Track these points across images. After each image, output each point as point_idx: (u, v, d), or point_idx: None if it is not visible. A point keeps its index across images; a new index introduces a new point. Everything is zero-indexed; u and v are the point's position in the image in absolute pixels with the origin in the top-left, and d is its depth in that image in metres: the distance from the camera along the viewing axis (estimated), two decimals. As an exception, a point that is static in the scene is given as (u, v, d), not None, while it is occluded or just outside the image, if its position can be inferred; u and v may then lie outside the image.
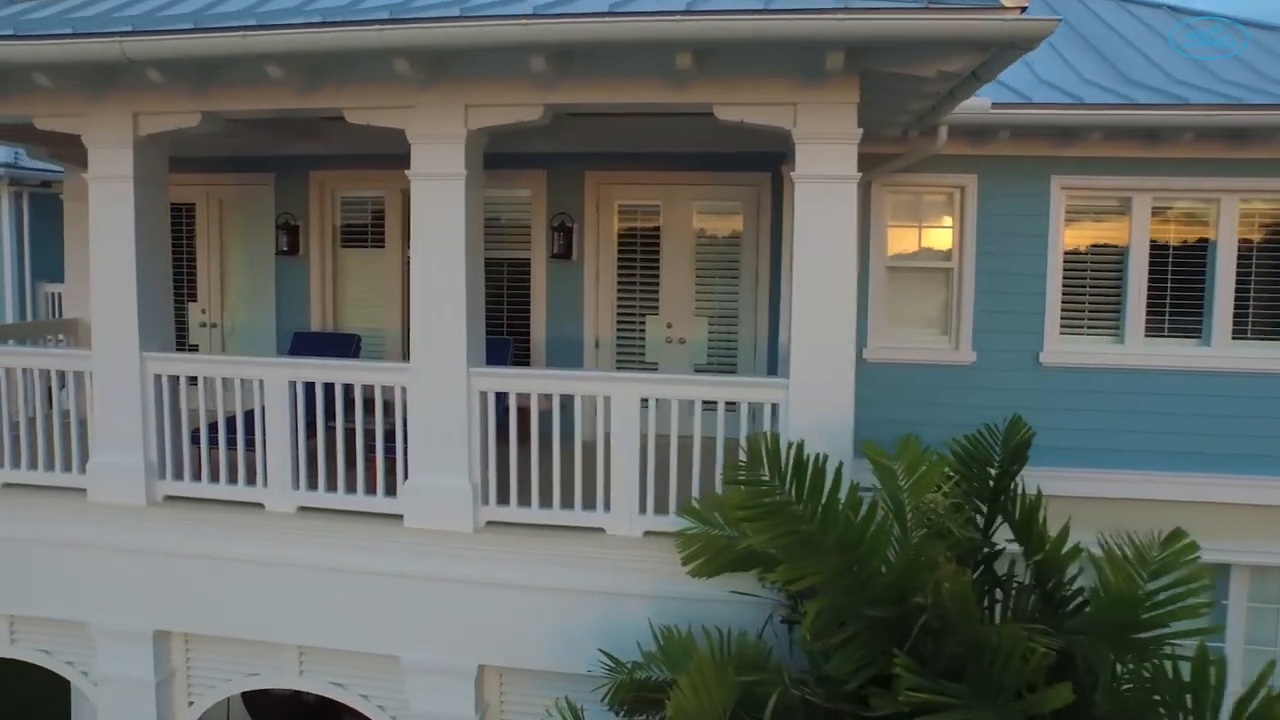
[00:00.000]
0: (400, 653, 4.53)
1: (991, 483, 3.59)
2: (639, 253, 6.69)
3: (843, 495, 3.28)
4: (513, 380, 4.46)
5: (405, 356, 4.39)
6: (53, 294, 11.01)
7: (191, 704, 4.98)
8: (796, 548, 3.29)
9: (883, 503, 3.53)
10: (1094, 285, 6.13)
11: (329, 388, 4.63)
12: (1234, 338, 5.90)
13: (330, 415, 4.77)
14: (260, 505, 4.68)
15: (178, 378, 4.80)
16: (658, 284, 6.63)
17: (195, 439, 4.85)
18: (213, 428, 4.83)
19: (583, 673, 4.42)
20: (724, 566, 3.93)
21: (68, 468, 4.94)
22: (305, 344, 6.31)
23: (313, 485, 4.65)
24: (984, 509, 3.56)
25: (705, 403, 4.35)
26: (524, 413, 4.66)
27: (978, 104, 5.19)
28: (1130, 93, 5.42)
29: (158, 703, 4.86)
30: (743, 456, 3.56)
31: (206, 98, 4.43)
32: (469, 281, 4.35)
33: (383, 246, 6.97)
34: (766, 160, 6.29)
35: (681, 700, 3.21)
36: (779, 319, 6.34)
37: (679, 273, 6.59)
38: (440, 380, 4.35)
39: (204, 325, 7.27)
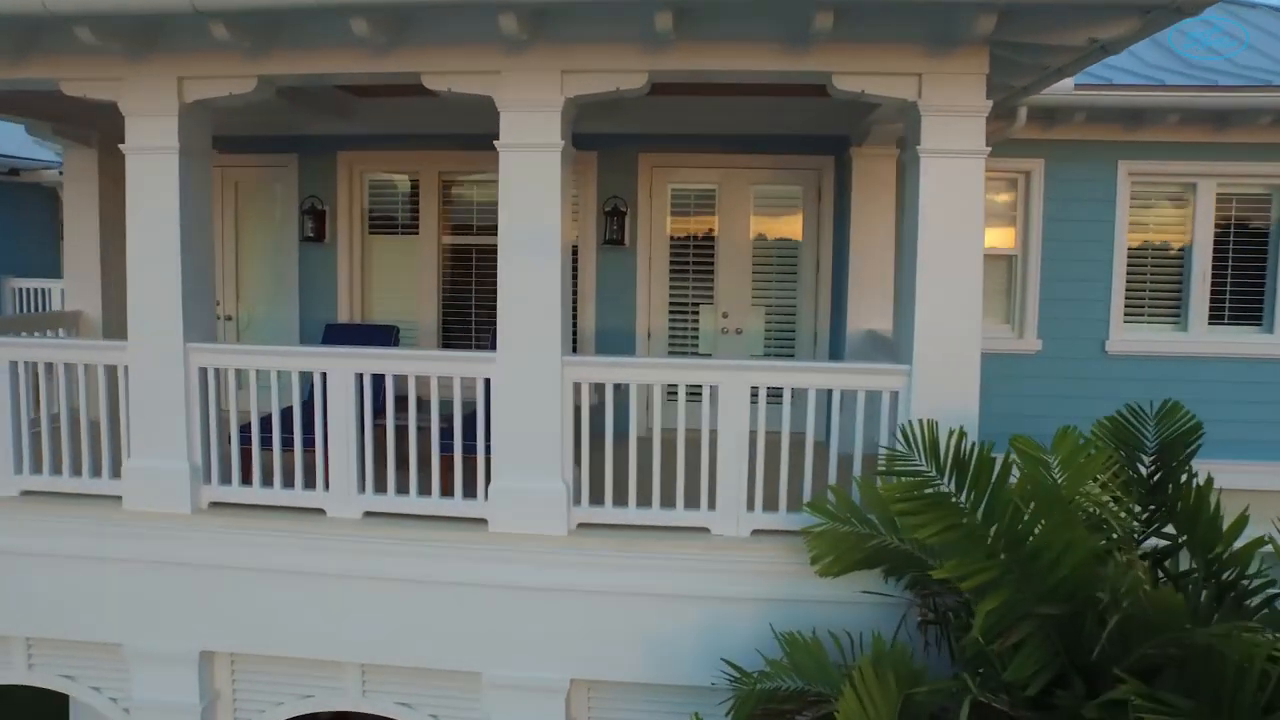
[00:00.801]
0: (482, 669, 4.16)
1: (1146, 471, 3.42)
2: (693, 239, 6.41)
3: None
4: (610, 370, 4.13)
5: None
6: (22, 289, 10.23)
7: (237, 730, 4.53)
8: (962, 542, 3.06)
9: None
10: (1155, 272, 6.07)
11: (378, 380, 4.20)
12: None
13: (380, 411, 4.37)
14: (321, 511, 4.27)
15: (219, 372, 4.35)
16: (713, 272, 6.36)
17: (239, 439, 4.41)
18: (258, 425, 4.39)
19: (682, 684, 4.14)
20: (853, 565, 3.68)
21: (96, 473, 4.44)
22: (339, 337, 5.85)
23: (380, 488, 4.25)
24: (1142, 500, 3.38)
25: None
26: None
27: (1062, 84, 5.04)
28: (1209, 77, 5.35)
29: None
30: (898, 446, 3.32)
31: (266, 60, 4.00)
32: (563, 262, 4.01)
33: (416, 232, 6.54)
34: (828, 143, 6.08)
35: (849, 712, 2.95)
36: (842, 307, 6.13)
37: (735, 260, 6.33)
38: (531, 371, 4.00)
39: (217, 318, 6.71)
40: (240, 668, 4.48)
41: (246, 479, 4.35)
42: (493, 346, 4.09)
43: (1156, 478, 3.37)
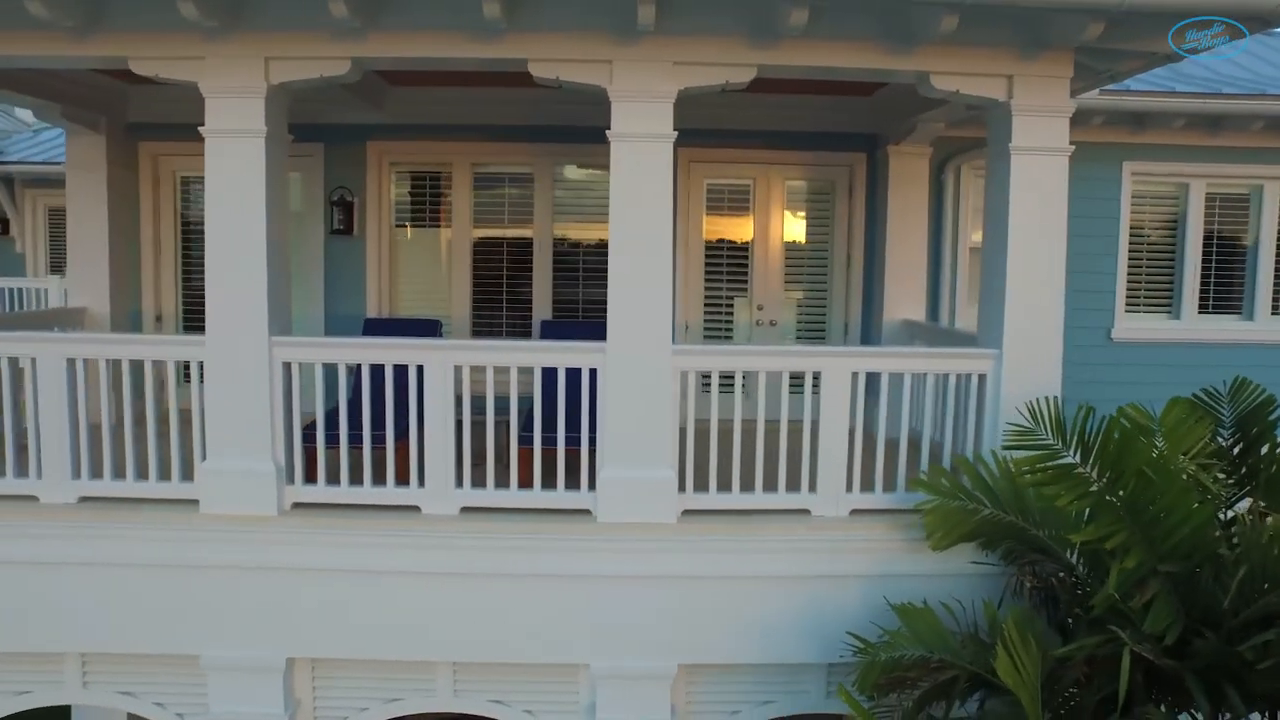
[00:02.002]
0: (589, 660, 4.17)
1: (1227, 443, 3.76)
2: (725, 232, 6.54)
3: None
4: (713, 358, 4.21)
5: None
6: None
7: (314, 738, 4.36)
8: (1094, 508, 3.30)
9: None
10: (1150, 265, 6.61)
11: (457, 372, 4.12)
12: (1273, 313, 6.53)
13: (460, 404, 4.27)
14: (414, 508, 4.16)
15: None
16: (748, 265, 6.51)
17: (307, 437, 4.25)
18: (334, 422, 4.25)
19: (783, 663, 4.27)
20: (960, 538, 3.89)
21: (165, 476, 4.18)
22: (381, 332, 5.68)
23: (478, 483, 4.18)
24: (1225, 469, 3.71)
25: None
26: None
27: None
28: (1213, 84, 5.87)
29: (278, 741, 4.21)
30: (1022, 421, 3.54)
31: (364, 41, 3.87)
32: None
33: (447, 224, 6.40)
34: (859, 140, 6.32)
35: (1006, 670, 3.14)
36: (871, 298, 6.39)
37: (770, 253, 6.49)
38: (642, 360, 4.03)
39: (230, 315, 6.39)
40: (322, 673, 4.32)
41: (312, 477, 4.18)
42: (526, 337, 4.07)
43: (1238, 449, 3.72)
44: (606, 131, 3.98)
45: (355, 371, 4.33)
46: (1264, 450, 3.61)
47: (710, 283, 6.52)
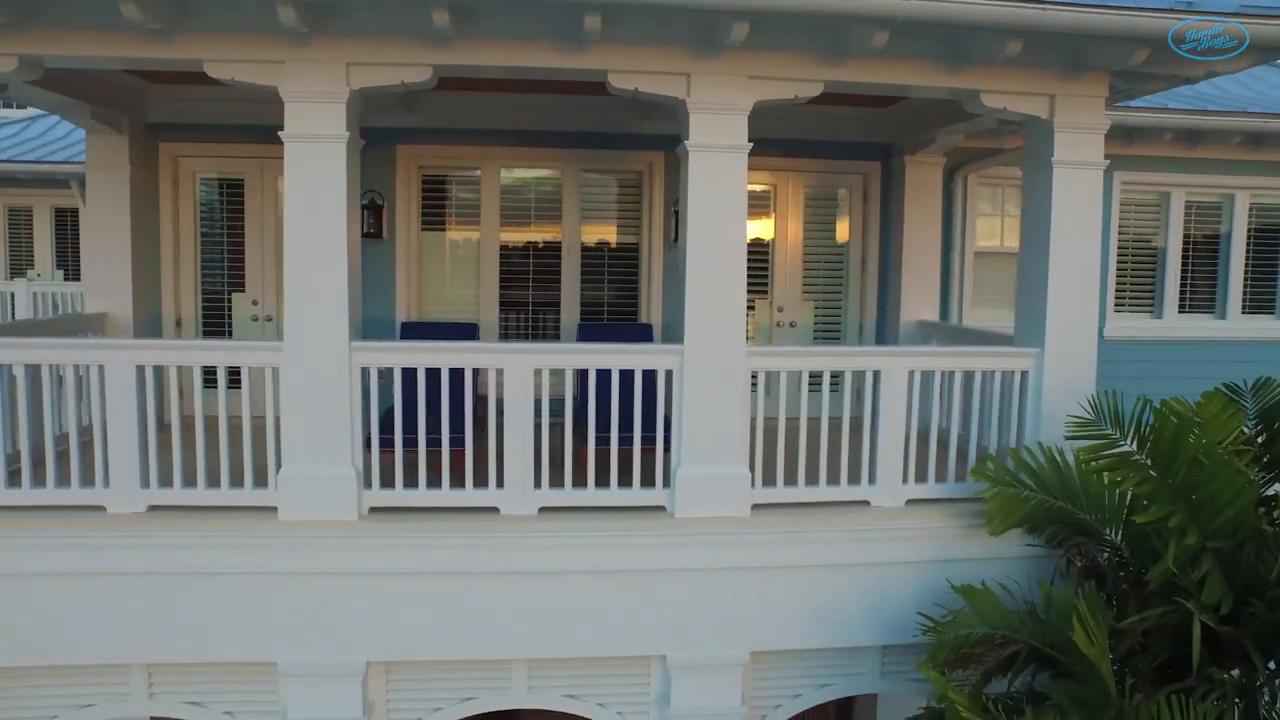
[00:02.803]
0: (666, 651, 4.32)
1: (1251, 432, 4.15)
2: (750, 238, 6.75)
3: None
4: (784, 359, 4.41)
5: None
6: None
7: (389, 741, 4.39)
8: (1152, 491, 3.63)
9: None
10: (1135, 268, 7.12)
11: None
12: (1243, 312, 7.12)
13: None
14: (493, 509, 4.23)
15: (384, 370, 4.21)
16: (768, 268, 6.74)
17: (385, 441, 4.27)
18: (389, 425, 4.27)
19: (845, 646, 4.51)
20: (1015, 523, 4.19)
21: (237, 483, 4.15)
22: (419, 335, 5.70)
23: (556, 483, 4.28)
24: (1253, 458, 4.09)
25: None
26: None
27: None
28: (1198, 102, 6.38)
29: (357, 746, 4.23)
30: (1082, 413, 3.86)
31: (448, 49, 3.94)
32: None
33: (476, 228, 6.44)
34: (874, 150, 6.62)
35: (1082, 642, 3.44)
36: (886, 300, 6.71)
37: (789, 257, 6.74)
38: (717, 361, 4.20)
39: (255, 319, 6.30)
40: (396, 675, 4.35)
41: (389, 481, 4.21)
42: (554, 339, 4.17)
43: (1262, 438, 4.12)
44: (685, 142, 4.13)
45: (408, 376, 4.33)
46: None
47: (733, 285, 6.73)
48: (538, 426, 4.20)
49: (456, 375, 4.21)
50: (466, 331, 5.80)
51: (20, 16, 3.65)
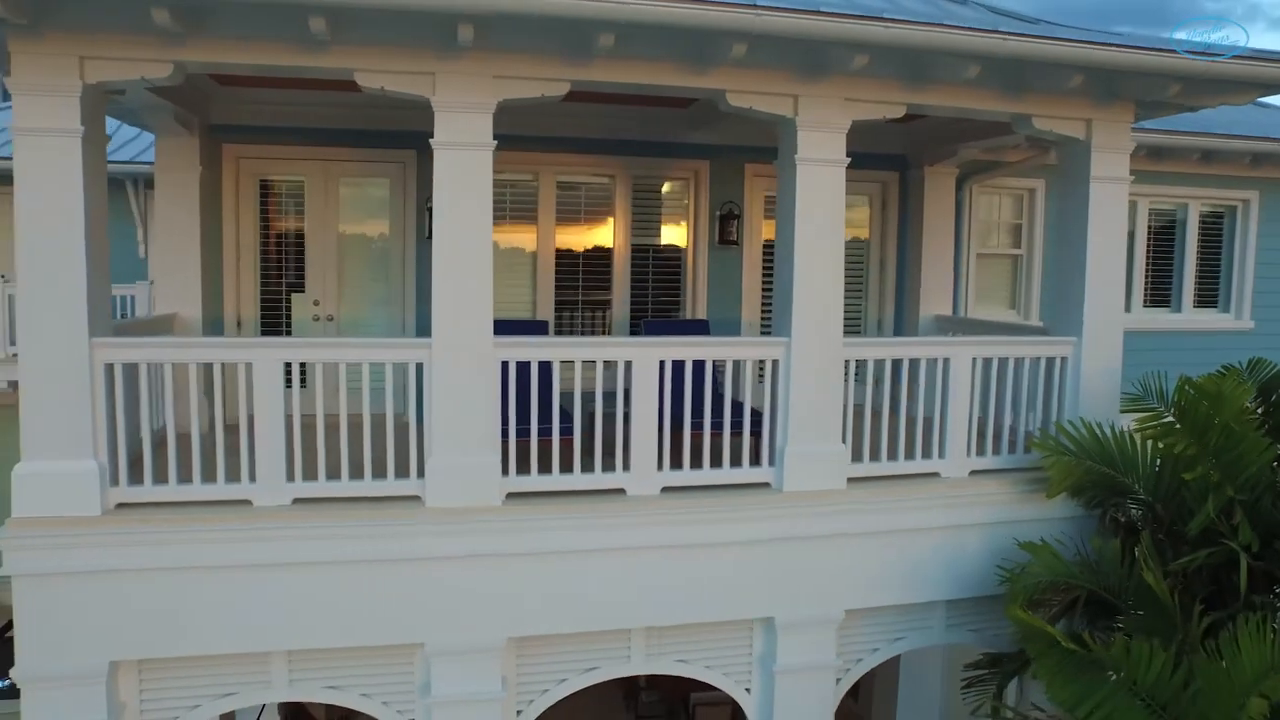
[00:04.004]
0: (774, 613, 4.79)
1: (1251, 404, 4.97)
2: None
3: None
4: (873, 349, 4.97)
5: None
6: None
7: (520, 713, 4.68)
8: (1197, 455, 4.37)
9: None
10: (1106, 268, 8.08)
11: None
12: (1195, 306, 8.20)
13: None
14: (620, 490, 4.59)
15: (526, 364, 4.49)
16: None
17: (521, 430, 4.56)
18: (524, 416, 4.58)
19: (922, 601, 5.10)
20: (1068, 487, 4.88)
21: (381, 474, 4.35)
22: (501, 332, 5.92)
23: (675, 464, 4.68)
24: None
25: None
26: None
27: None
28: (1160, 124, 7.32)
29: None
30: (1132, 390, 4.57)
31: (585, 66, 4.27)
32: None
33: (533, 231, 6.71)
34: (891, 160, 7.28)
35: (1153, 581, 4.12)
36: (905, 297, 7.39)
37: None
38: (819, 351, 4.70)
39: (316, 319, 6.37)
40: (527, 649, 4.63)
41: (548, 468, 4.51)
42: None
43: (1261, 409, 4.95)
44: (795, 156, 4.60)
45: (545, 369, 4.66)
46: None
47: (767, 284, 7.26)
48: (663, 415, 4.58)
49: (647, 364, 4.52)
50: (539, 328, 6.09)
51: (188, 27, 3.76)
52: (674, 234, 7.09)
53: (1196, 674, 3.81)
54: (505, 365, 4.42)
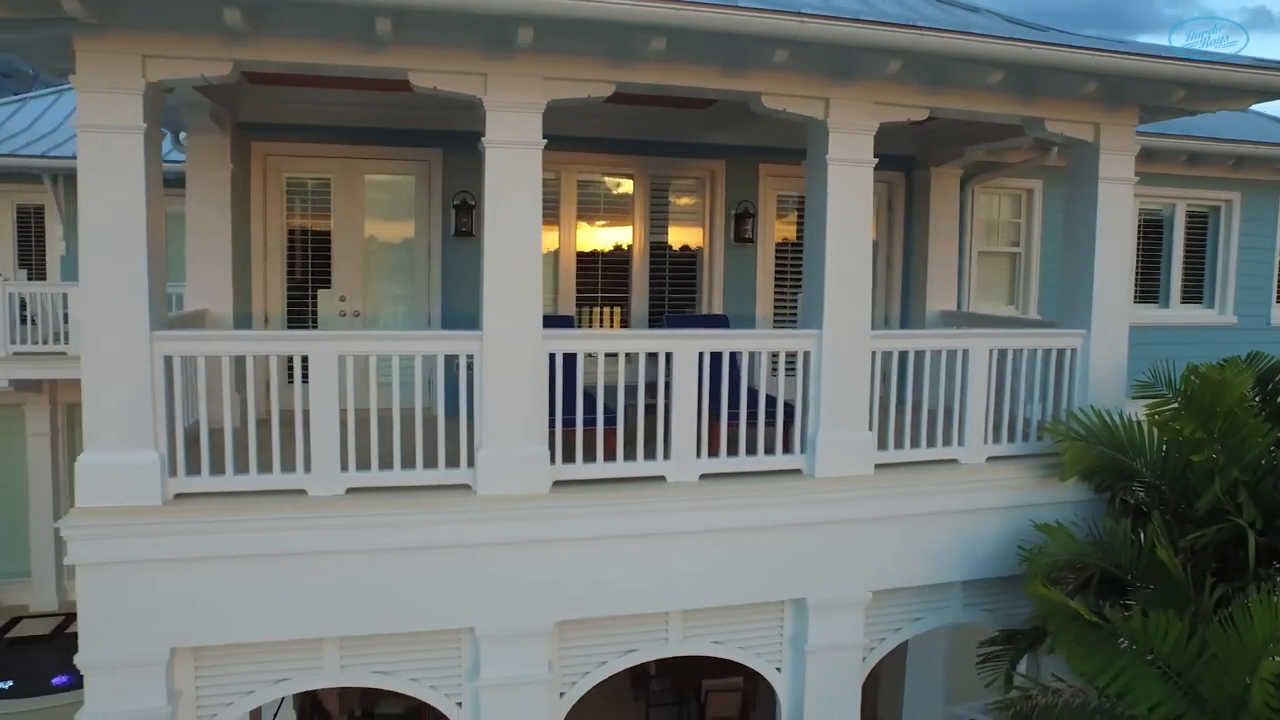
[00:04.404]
0: (807, 594, 4.99)
1: (1250, 392, 5.28)
2: (791, 236, 7.52)
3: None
4: (902, 341, 5.22)
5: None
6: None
7: (562, 695, 4.83)
8: (1203, 439, 4.65)
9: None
10: (1098, 265, 8.43)
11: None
12: (1181, 302, 8.59)
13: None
14: (660, 478, 4.76)
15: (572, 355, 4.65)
16: (809, 265, 7.53)
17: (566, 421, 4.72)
18: (570, 407, 4.74)
19: (941, 582, 5.34)
20: (1080, 470, 5.15)
21: (432, 464, 4.48)
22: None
23: (711, 452, 4.86)
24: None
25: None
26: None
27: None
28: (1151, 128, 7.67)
29: (539, 702, 4.64)
30: (1143, 379, 4.85)
31: (631, 69, 4.43)
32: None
33: (555, 229, 6.85)
34: (896, 161, 7.53)
35: (1164, 557, 4.40)
36: (911, 292, 7.65)
37: (827, 256, 7.55)
38: (850, 344, 4.92)
39: (343, 314, 6.45)
40: (569, 634, 4.78)
41: (592, 456, 4.67)
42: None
43: (1258, 398, 5.26)
44: (826, 156, 4.80)
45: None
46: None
47: (779, 280, 7.48)
48: (702, 404, 4.76)
49: (687, 356, 4.71)
50: (566, 322, 6.24)
51: (255, 27, 3.86)
52: (690, 232, 7.28)
53: (1210, 642, 4.08)
54: (552, 357, 4.57)
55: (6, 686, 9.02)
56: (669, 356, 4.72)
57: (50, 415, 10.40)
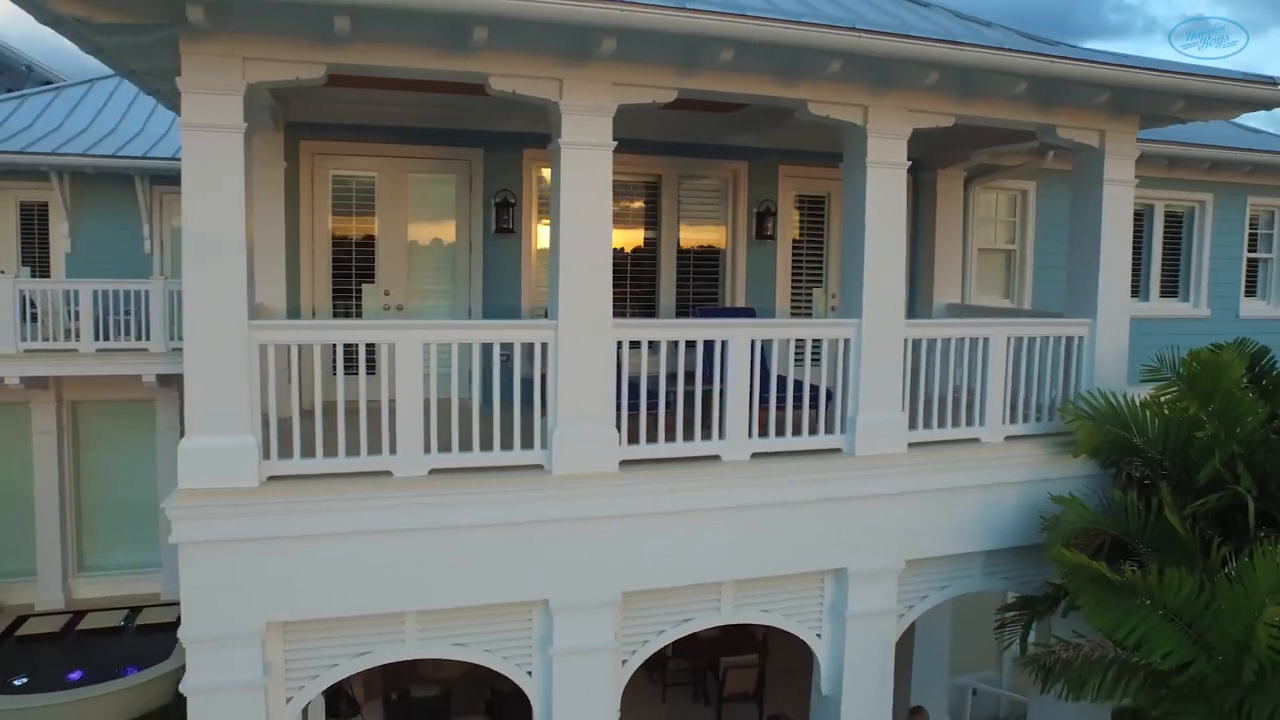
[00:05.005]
0: (847, 564, 5.38)
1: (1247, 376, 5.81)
2: (806, 234, 7.94)
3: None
4: (932, 329, 5.62)
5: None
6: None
7: (624, 662, 5.14)
8: (1205, 418, 5.16)
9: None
10: (1085, 261, 9.01)
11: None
12: (1160, 296, 9.22)
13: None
14: (715, 457, 5.11)
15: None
16: (822, 260, 7.95)
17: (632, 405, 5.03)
18: (634, 392, 5.07)
19: (965, 551, 5.79)
20: (1090, 447, 5.64)
21: (508, 445, 4.75)
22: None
23: (764, 433, 5.22)
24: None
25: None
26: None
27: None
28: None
29: (606, 670, 4.94)
30: (1151, 363, 5.35)
31: (693, 76, 4.76)
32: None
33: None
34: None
35: (1172, 521, 4.89)
36: (917, 286, 8.11)
37: (838, 253, 7.97)
38: (885, 332, 5.32)
39: (386, 308, 6.67)
40: (631, 605, 5.08)
41: (654, 438, 4.98)
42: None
43: (1247, 380, 5.80)
44: (865, 160, 5.20)
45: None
46: (1273, 374, 5.74)
47: (795, 276, 7.89)
48: (753, 391, 5.12)
49: (741, 345, 5.07)
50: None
51: (355, 33, 4.09)
52: (713, 230, 7.64)
53: (1217, 595, 4.57)
54: (620, 345, 4.88)
55: (21, 683, 8.99)
56: (724, 345, 5.07)
57: (56, 413, 10.33)
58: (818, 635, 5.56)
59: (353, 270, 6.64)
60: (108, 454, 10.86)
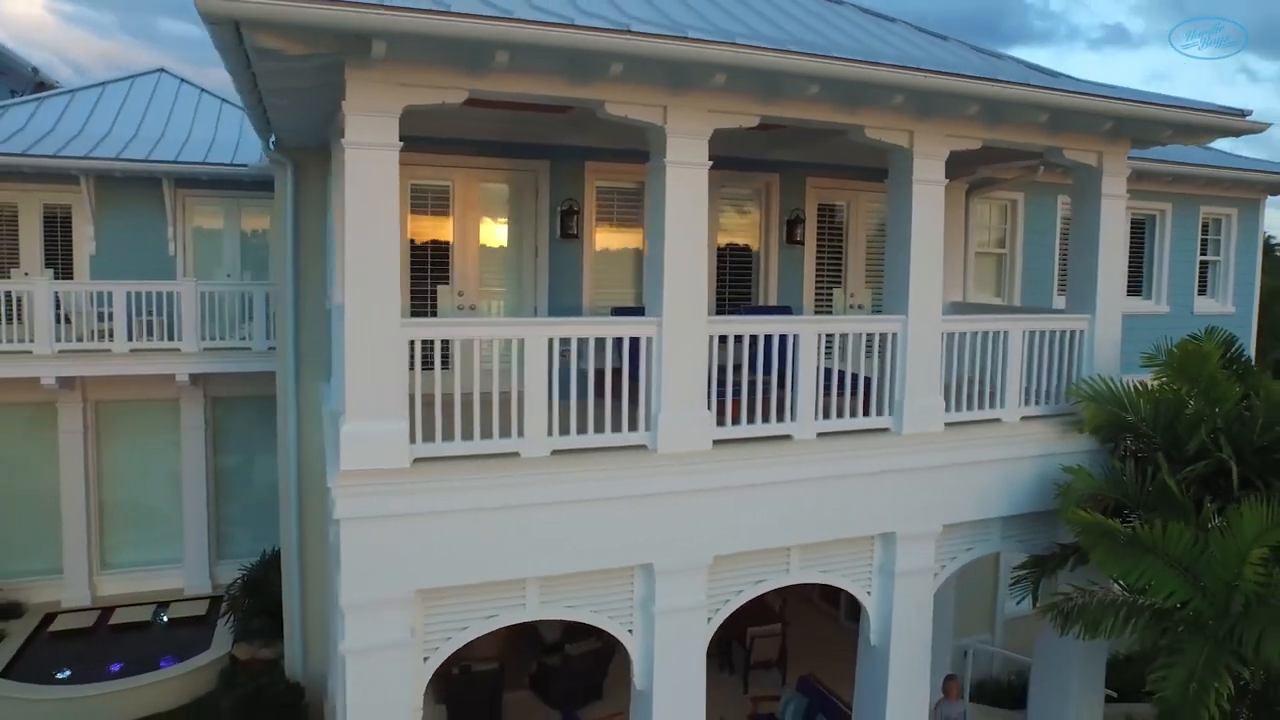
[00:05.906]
0: (897, 528, 6.17)
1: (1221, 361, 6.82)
2: (827, 238, 8.73)
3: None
4: (965, 324, 6.44)
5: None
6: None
7: (709, 620, 5.82)
8: (1194, 397, 6.13)
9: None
10: (1062, 260, 10.05)
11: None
12: (1127, 294, 10.33)
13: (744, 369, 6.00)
14: (787, 437, 5.83)
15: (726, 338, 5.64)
16: (841, 262, 8.77)
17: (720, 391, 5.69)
18: (721, 380, 5.74)
19: (988, 517, 6.66)
20: (1095, 425, 6.57)
21: (617, 428, 5.37)
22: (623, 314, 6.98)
23: (827, 414, 5.97)
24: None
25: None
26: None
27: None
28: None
29: (699, 626, 5.62)
30: (1149, 352, 6.29)
31: (773, 104, 5.46)
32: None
33: (633, 231, 7.77)
34: (913, 176, 8.86)
35: (1170, 484, 5.83)
36: (923, 288, 9.00)
37: (856, 256, 8.82)
38: (926, 326, 6.13)
39: (460, 308, 7.17)
40: (716, 568, 5.76)
41: (738, 419, 5.66)
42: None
43: (1222, 364, 6.81)
44: (911, 178, 5.98)
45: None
46: (1241, 360, 6.77)
47: (819, 276, 8.69)
48: (824, 376, 5.86)
49: (809, 339, 5.83)
50: (639, 313, 7.18)
51: (507, 65, 4.63)
52: (746, 235, 8.37)
53: (1210, 543, 5.51)
54: (711, 339, 5.55)
55: (65, 676, 9.13)
56: (795, 338, 5.80)
57: (81, 412, 10.41)
58: (868, 593, 6.34)
59: (428, 272, 7.13)
60: (131, 452, 10.97)
